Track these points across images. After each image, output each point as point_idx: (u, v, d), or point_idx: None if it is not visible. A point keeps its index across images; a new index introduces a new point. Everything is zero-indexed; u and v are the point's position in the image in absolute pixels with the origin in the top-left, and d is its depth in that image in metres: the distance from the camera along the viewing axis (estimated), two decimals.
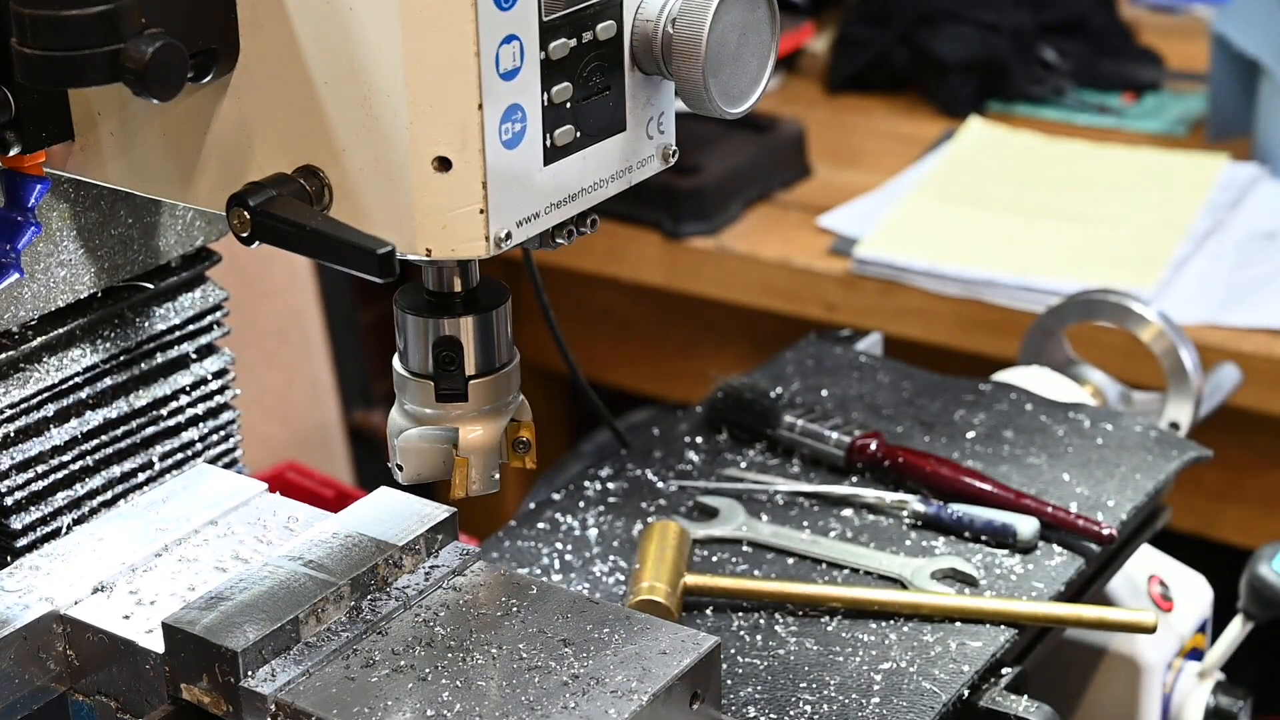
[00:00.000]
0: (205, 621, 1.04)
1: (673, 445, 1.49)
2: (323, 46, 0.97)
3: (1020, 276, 2.15)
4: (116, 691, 1.09)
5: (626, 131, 1.05)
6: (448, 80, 0.95)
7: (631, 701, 1.00)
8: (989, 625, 1.24)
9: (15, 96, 1.05)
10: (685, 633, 1.06)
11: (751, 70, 1.06)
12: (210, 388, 1.29)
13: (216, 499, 1.20)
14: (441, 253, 0.98)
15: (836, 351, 1.63)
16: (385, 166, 0.97)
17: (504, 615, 1.08)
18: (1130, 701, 1.48)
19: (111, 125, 1.07)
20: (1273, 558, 1.45)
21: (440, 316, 1.07)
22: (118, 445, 1.24)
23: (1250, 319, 2.06)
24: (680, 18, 1.02)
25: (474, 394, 1.08)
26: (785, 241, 2.31)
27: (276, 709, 1.02)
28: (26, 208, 1.11)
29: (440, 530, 1.14)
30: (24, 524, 1.18)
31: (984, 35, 2.63)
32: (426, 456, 1.10)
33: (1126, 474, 1.42)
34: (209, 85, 1.01)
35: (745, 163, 2.40)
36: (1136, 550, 1.43)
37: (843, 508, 1.40)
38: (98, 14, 0.91)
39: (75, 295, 1.19)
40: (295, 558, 1.11)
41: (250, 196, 0.98)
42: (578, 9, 0.99)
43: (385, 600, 1.10)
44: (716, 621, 1.27)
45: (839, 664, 1.21)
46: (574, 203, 1.03)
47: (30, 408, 1.18)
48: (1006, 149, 2.49)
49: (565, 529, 1.39)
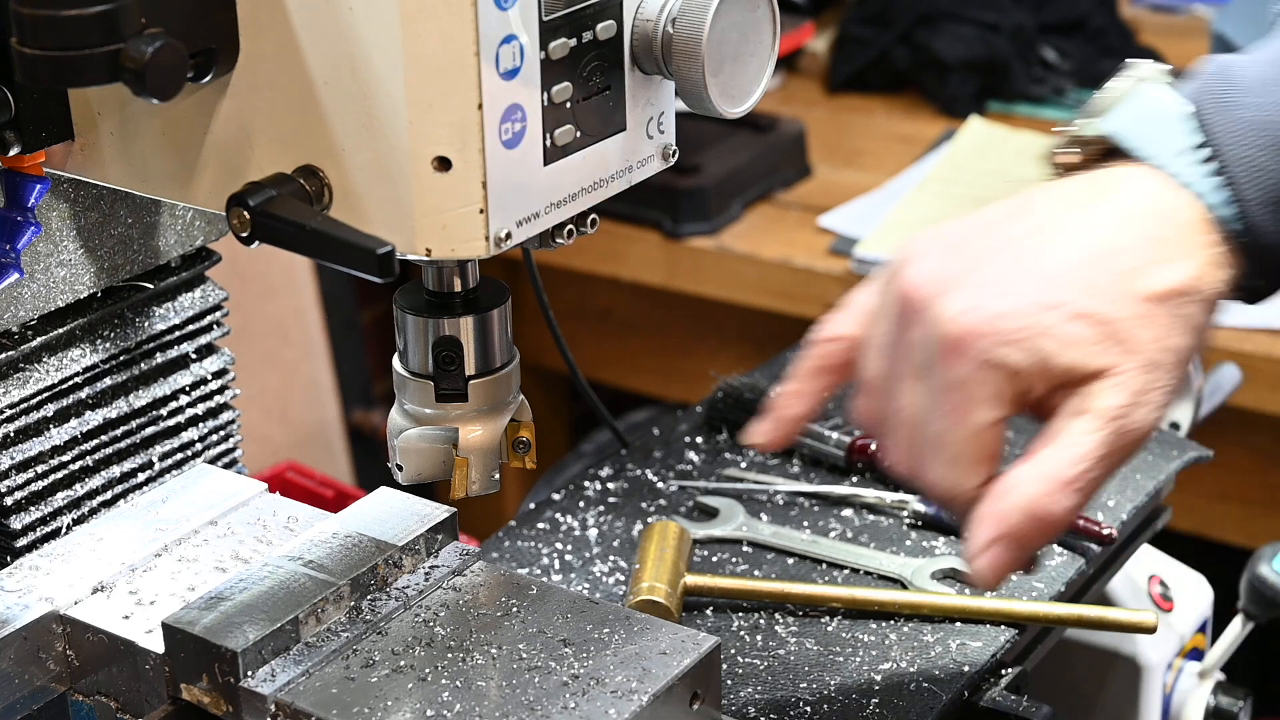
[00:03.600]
0: (205, 621, 1.04)
1: (673, 445, 1.49)
2: (322, 46, 0.97)
3: None
4: (116, 691, 1.09)
5: (626, 131, 1.05)
6: (448, 80, 0.95)
7: (631, 702, 1.00)
8: (989, 625, 1.24)
9: (15, 96, 1.05)
10: (685, 633, 1.06)
11: (751, 70, 1.06)
12: (210, 388, 1.29)
13: (216, 499, 1.20)
14: (441, 253, 0.98)
15: None
16: (385, 166, 0.97)
17: (504, 615, 1.08)
18: (1130, 701, 1.48)
19: (111, 125, 1.06)
20: (1273, 558, 1.45)
21: (440, 316, 1.07)
22: (118, 445, 1.24)
23: (1250, 319, 2.06)
24: (680, 18, 1.02)
25: (474, 394, 1.08)
26: (785, 241, 2.31)
27: (276, 709, 1.02)
28: (26, 208, 1.11)
29: (440, 530, 1.14)
30: (24, 524, 1.18)
31: (984, 35, 2.63)
32: (426, 456, 1.10)
33: (1126, 474, 1.41)
34: (209, 85, 1.01)
35: (745, 163, 2.40)
36: (1136, 550, 1.43)
37: (843, 508, 1.40)
38: (98, 14, 0.91)
39: (75, 295, 1.19)
40: (295, 558, 1.11)
41: (250, 196, 0.97)
42: (578, 9, 0.99)
43: (385, 600, 1.10)
44: (716, 621, 1.27)
45: (839, 664, 1.21)
46: (574, 203, 1.03)
47: (30, 408, 1.18)
48: (1007, 149, 2.49)
49: (565, 529, 1.39)
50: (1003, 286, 0.96)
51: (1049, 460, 0.96)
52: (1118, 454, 0.97)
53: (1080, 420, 0.96)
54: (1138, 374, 0.96)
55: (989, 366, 0.95)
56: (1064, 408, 0.96)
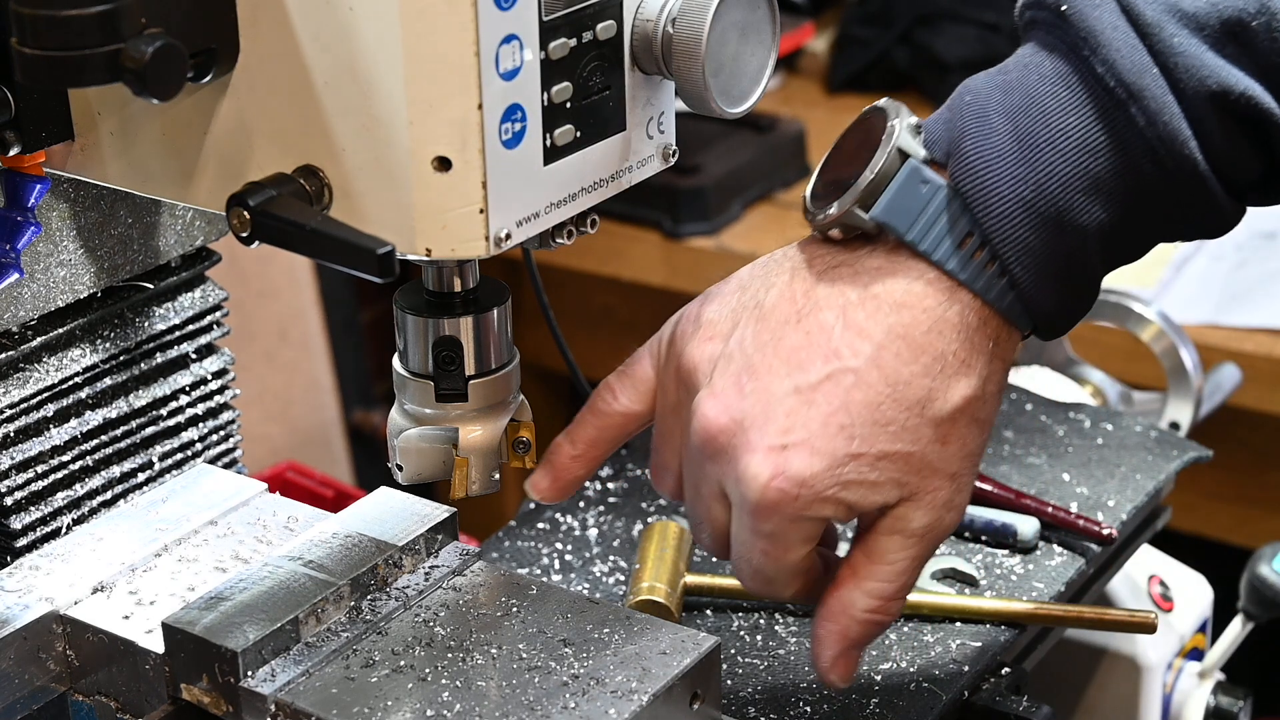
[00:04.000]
0: (205, 621, 1.04)
1: None
2: (322, 46, 0.97)
3: None
4: (116, 691, 1.09)
5: (626, 131, 1.05)
6: (448, 80, 0.95)
7: (631, 702, 1.00)
8: (989, 625, 1.24)
9: (15, 96, 1.05)
10: (685, 633, 1.06)
11: (751, 70, 1.06)
12: (210, 388, 1.29)
13: (216, 499, 1.20)
14: (441, 252, 0.98)
15: None
16: (385, 166, 0.97)
17: (504, 615, 1.08)
18: (1130, 701, 1.48)
19: (111, 125, 1.06)
20: (1273, 558, 1.45)
21: (440, 316, 1.07)
22: (118, 445, 1.24)
23: (1250, 319, 2.06)
24: (680, 18, 1.02)
25: (474, 394, 1.08)
26: (785, 241, 2.29)
27: (276, 709, 1.02)
28: (26, 208, 1.11)
29: (440, 530, 1.14)
30: (24, 524, 1.18)
31: (984, 35, 2.63)
32: (426, 456, 1.10)
33: (1127, 474, 1.41)
34: (209, 85, 1.01)
35: (745, 163, 2.41)
36: (1136, 550, 1.43)
37: None
38: (98, 14, 0.91)
39: (75, 295, 1.19)
40: (295, 558, 1.11)
41: (250, 196, 0.97)
42: (578, 9, 0.99)
43: (385, 600, 1.10)
44: (716, 621, 1.27)
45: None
46: (574, 202, 1.03)
47: (30, 408, 1.18)
48: None
49: (565, 529, 1.39)
50: (805, 445, 0.99)
51: (873, 578, 1.04)
52: (931, 550, 1.04)
53: (895, 539, 1.03)
54: (941, 490, 1.02)
55: (801, 521, 1.01)
56: (878, 525, 1.03)
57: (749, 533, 1.02)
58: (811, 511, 1.00)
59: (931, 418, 1.00)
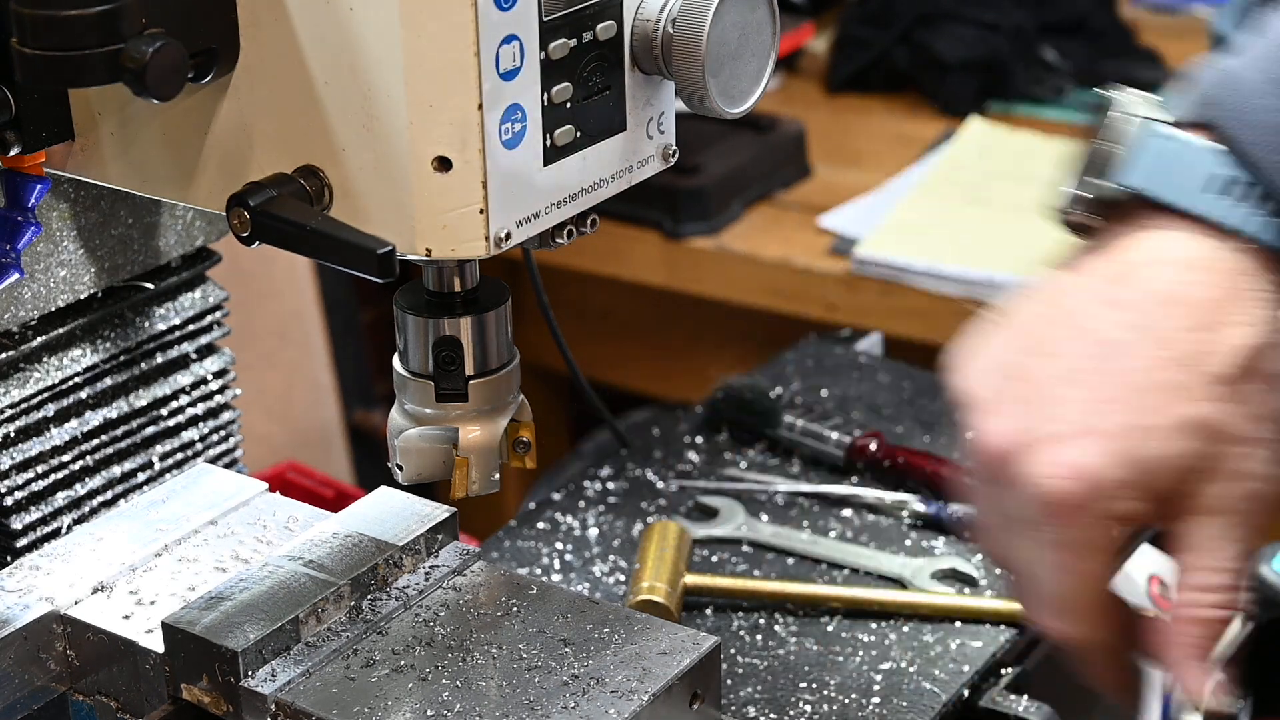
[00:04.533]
0: (205, 621, 1.04)
1: (673, 445, 1.49)
2: (323, 46, 0.97)
3: (1020, 276, 2.14)
4: (116, 691, 1.09)
5: (626, 131, 1.05)
6: (448, 80, 0.95)
7: (631, 701, 1.00)
8: (989, 625, 1.25)
9: (15, 96, 1.05)
10: (685, 633, 1.06)
11: (751, 70, 1.06)
12: (210, 388, 1.29)
13: (216, 499, 1.20)
14: (441, 253, 0.98)
15: (837, 351, 1.63)
16: (385, 166, 0.97)
17: (504, 615, 1.08)
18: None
19: (111, 125, 1.06)
20: (1273, 558, 1.45)
21: (440, 316, 1.07)
22: (118, 445, 1.24)
23: None
24: (680, 18, 1.02)
25: (474, 394, 1.08)
26: (785, 241, 2.31)
27: (276, 709, 1.02)
28: (26, 208, 1.11)
29: (440, 530, 1.14)
30: (24, 524, 1.18)
31: (984, 35, 2.63)
32: (426, 456, 1.10)
33: None
34: (209, 85, 1.01)
35: (745, 163, 2.40)
36: (1136, 550, 1.43)
37: (843, 508, 1.40)
38: (98, 14, 0.91)
39: (75, 295, 1.19)
40: (295, 558, 1.11)
41: (250, 196, 0.97)
42: (578, 9, 0.99)
43: (385, 600, 1.10)
44: (716, 621, 1.27)
45: (839, 664, 1.21)
46: (574, 203, 1.03)
47: (30, 408, 1.18)
48: (1007, 149, 2.49)
49: (565, 529, 1.39)
50: (1088, 435, 0.90)
51: (1199, 574, 0.95)
52: (1256, 518, 0.94)
53: (1209, 523, 0.93)
54: (1241, 456, 0.92)
55: (1095, 519, 0.91)
56: (1186, 511, 0.93)
57: (1038, 548, 0.92)
58: (1104, 504, 0.90)
59: (1210, 376, 0.91)
